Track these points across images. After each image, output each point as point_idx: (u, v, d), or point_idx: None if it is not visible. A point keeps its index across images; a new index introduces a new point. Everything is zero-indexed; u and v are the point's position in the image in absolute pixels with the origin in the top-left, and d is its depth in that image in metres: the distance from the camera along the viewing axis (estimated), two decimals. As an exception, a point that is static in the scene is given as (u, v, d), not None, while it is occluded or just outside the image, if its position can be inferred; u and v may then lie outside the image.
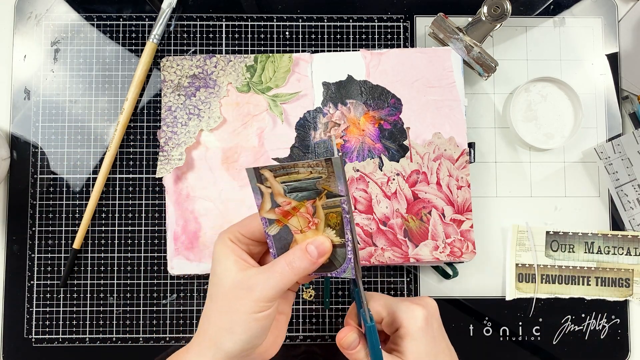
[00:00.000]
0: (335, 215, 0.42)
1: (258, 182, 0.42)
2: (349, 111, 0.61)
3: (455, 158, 0.60)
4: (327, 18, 0.64)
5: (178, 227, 0.60)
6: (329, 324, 0.61)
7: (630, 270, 0.61)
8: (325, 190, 0.42)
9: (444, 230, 0.59)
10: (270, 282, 0.41)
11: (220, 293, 0.43)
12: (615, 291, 0.62)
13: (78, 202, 0.62)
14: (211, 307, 0.43)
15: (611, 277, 0.62)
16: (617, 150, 0.62)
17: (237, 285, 0.42)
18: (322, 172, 0.41)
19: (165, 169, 0.60)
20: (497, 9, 0.58)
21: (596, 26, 0.64)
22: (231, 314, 0.42)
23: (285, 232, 0.43)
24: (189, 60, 0.61)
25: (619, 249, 0.62)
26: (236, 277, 0.42)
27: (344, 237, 0.43)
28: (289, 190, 0.42)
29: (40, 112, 0.63)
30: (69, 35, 0.63)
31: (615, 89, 0.64)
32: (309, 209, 0.42)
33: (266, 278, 0.42)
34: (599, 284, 0.62)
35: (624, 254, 0.62)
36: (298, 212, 0.43)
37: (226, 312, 0.42)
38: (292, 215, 0.43)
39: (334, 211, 0.42)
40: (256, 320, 0.41)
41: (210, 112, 0.60)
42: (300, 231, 0.43)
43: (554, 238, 0.62)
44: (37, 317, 0.61)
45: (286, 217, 0.43)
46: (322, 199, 0.42)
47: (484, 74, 0.60)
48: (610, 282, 0.62)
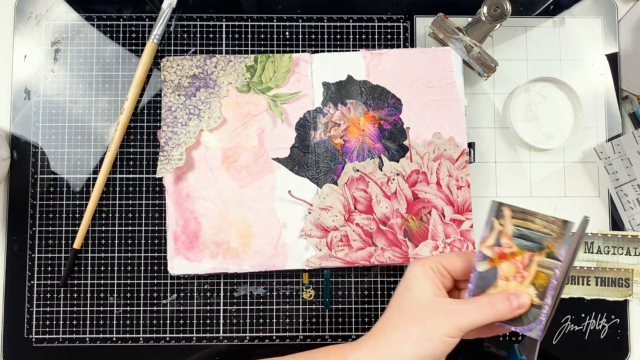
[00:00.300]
0: (544, 277, 0.43)
1: (494, 216, 0.43)
2: (349, 111, 0.61)
3: (455, 158, 0.60)
4: (327, 18, 0.64)
5: (178, 227, 0.60)
6: (329, 324, 0.61)
7: (630, 270, 0.61)
8: (548, 249, 0.43)
9: (444, 230, 0.59)
10: (473, 313, 0.43)
11: (413, 308, 0.45)
12: (615, 291, 0.62)
13: (78, 202, 0.62)
14: (400, 317, 0.45)
15: (611, 277, 0.62)
16: (616, 150, 0.62)
17: (435, 307, 0.44)
18: (555, 230, 0.42)
19: (166, 169, 0.60)
20: (497, 9, 0.58)
21: (596, 26, 0.64)
22: (424, 329, 0.43)
23: (492, 274, 0.44)
24: (189, 60, 0.61)
25: (618, 249, 0.62)
26: (433, 299, 0.44)
27: (543, 301, 0.43)
28: (517, 235, 0.43)
29: (40, 112, 0.63)
30: (69, 36, 0.63)
31: (615, 89, 0.64)
32: (525, 260, 0.43)
33: (470, 309, 0.44)
34: (598, 283, 0.62)
35: (624, 253, 0.62)
36: (514, 258, 0.44)
37: (418, 325, 0.44)
38: (506, 260, 0.44)
39: (545, 272, 0.43)
40: (445, 343, 0.43)
41: (210, 112, 0.60)
42: (505, 279, 0.44)
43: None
44: (37, 317, 0.61)
45: (501, 259, 0.44)
46: (541, 256, 0.43)
47: (483, 74, 0.60)
48: (610, 282, 0.62)
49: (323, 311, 0.62)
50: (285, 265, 0.59)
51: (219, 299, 0.61)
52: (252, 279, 0.62)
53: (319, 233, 0.59)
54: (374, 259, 0.59)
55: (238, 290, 0.61)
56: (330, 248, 0.59)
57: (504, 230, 0.44)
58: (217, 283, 0.61)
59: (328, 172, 0.60)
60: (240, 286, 0.61)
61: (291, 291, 0.61)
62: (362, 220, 0.59)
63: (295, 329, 0.61)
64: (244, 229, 0.60)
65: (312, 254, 0.59)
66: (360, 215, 0.60)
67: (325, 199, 0.60)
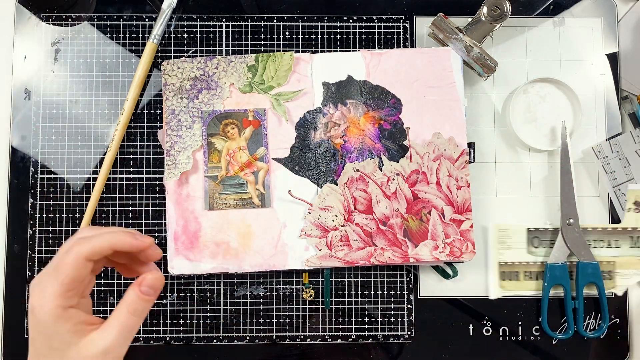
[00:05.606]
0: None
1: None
2: (348, 111, 0.61)
3: (455, 158, 0.60)
4: (327, 18, 0.64)
5: (178, 227, 0.60)
6: (329, 324, 0.61)
7: (612, 262, 0.61)
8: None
9: (444, 230, 0.59)
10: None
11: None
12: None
13: (78, 202, 0.62)
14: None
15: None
16: (614, 150, 0.62)
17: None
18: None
19: (174, 173, 0.60)
20: (496, 9, 0.59)
21: (596, 26, 0.64)
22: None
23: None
24: (190, 62, 0.61)
25: (599, 242, 0.62)
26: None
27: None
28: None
29: (40, 112, 0.63)
30: (69, 36, 0.63)
31: (614, 89, 0.64)
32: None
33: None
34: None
35: (605, 246, 0.62)
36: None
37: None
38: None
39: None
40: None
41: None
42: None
43: (534, 235, 0.62)
44: (37, 317, 0.61)
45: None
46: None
47: (483, 74, 0.60)
48: None
49: (323, 311, 0.62)
50: (285, 265, 0.60)
51: (219, 299, 0.61)
52: (252, 279, 0.62)
53: (319, 233, 0.59)
54: (374, 258, 0.59)
55: (238, 290, 0.62)
56: (330, 248, 0.59)
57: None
58: (217, 283, 0.61)
59: (328, 172, 0.60)
60: (240, 286, 0.62)
61: (291, 291, 0.62)
62: (362, 220, 0.60)
63: (295, 329, 0.61)
64: (244, 228, 0.60)
65: (312, 253, 0.59)
66: (360, 215, 0.60)
67: (325, 199, 0.60)
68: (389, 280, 0.62)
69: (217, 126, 0.60)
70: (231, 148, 0.60)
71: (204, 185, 0.60)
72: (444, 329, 0.62)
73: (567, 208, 0.61)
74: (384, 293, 0.62)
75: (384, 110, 0.61)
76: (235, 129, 0.60)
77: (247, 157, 0.60)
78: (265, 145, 0.60)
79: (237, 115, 0.60)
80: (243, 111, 0.60)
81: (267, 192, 0.60)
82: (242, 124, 0.60)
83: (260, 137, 0.60)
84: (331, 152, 0.60)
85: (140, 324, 0.44)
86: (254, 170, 0.60)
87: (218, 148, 0.60)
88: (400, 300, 0.62)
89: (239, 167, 0.60)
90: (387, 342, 0.61)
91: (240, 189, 0.60)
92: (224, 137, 0.60)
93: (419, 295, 0.62)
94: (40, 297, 0.41)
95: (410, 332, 0.61)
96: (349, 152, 0.60)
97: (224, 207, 0.60)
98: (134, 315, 0.43)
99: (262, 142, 0.60)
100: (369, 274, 0.62)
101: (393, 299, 0.62)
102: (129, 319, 0.43)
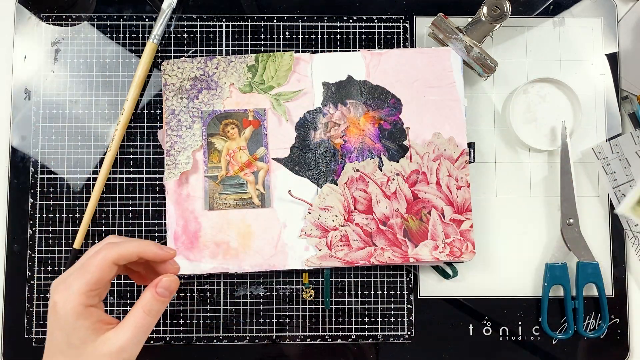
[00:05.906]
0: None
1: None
2: (348, 111, 0.61)
3: (455, 158, 0.60)
4: (327, 18, 0.64)
5: (178, 227, 0.60)
6: (329, 324, 0.61)
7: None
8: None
9: (444, 230, 0.59)
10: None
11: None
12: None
13: (78, 202, 0.62)
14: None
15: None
16: (615, 151, 0.62)
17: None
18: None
19: (174, 173, 0.60)
20: (496, 9, 0.59)
21: (596, 26, 0.64)
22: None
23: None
24: (190, 62, 0.61)
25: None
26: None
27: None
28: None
29: (40, 112, 0.63)
30: (69, 36, 0.63)
31: (614, 89, 0.64)
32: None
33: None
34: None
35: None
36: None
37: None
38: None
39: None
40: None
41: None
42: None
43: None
44: (37, 317, 0.61)
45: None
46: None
47: (483, 74, 0.60)
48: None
49: (323, 311, 0.62)
50: (285, 265, 0.60)
51: (219, 299, 0.61)
52: (252, 279, 0.62)
53: (318, 233, 0.59)
54: (374, 258, 0.59)
55: (238, 290, 0.62)
56: (330, 248, 0.59)
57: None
58: (217, 283, 0.61)
59: (328, 172, 0.60)
60: (240, 286, 0.62)
61: (291, 291, 0.62)
62: (362, 220, 0.60)
63: (295, 329, 0.61)
64: (244, 228, 0.60)
65: (312, 253, 0.59)
66: (360, 215, 0.60)
67: (325, 199, 0.60)
68: (389, 280, 0.62)
69: (217, 126, 0.60)
70: (231, 148, 0.60)
71: (204, 185, 0.60)
72: (444, 329, 0.62)
73: (567, 208, 0.61)
74: (384, 293, 0.62)
75: (384, 110, 0.61)
76: (235, 129, 0.60)
77: (247, 157, 0.60)
78: (265, 145, 0.60)
79: (237, 115, 0.60)
80: (243, 111, 0.60)
81: (267, 192, 0.60)
82: (242, 124, 0.60)
83: (260, 137, 0.60)
84: (331, 152, 0.60)
85: (154, 325, 0.46)
86: (254, 170, 0.60)
87: (218, 148, 0.60)
88: (400, 300, 0.62)
89: (239, 167, 0.60)
90: (387, 342, 0.61)
91: (240, 189, 0.60)
92: (224, 137, 0.60)
93: (419, 295, 0.62)
94: (65, 294, 0.44)
95: (410, 332, 0.61)
96: (349, 152, 0.60)
97: (224, 207, 0.60)
98: (149, 315, 0.45)
99: (262, 142, 0.60)
100: (369, 274, 0.62)
101: (393, 299, 0.62)
102: (144, 319, 0.45)
